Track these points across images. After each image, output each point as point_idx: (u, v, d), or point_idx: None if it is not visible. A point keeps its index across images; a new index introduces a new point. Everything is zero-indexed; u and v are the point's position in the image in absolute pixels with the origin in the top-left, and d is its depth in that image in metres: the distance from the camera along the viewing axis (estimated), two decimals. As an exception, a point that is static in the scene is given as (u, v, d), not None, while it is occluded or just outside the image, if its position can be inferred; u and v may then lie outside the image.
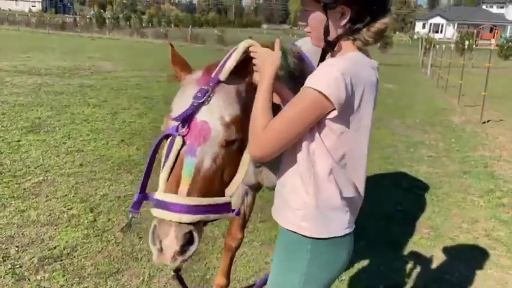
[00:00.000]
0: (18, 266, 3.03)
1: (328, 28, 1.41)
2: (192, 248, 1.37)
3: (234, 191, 1.51)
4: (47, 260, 3.13)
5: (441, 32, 71.35)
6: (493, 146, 7.18)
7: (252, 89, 1.52)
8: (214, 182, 1.44)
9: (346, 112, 1.35)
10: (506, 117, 9.63)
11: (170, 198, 1.37)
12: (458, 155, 6.56)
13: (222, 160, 1.45)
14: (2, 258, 3.10)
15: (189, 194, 1.38)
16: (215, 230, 3.78)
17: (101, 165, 5.02)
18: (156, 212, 1.38)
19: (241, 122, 1.48)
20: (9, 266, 3.02)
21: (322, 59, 1.51)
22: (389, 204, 4.58)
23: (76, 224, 3.69)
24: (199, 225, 1.41)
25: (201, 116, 1.43)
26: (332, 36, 1.42)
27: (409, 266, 3.45)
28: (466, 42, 19.23)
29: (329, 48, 1.46)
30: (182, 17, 69.45)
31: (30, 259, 3.12)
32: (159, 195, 1.39)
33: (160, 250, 1.36)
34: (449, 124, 8.79)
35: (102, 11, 68.52)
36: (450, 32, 68.07)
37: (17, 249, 3.24)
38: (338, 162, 1.41)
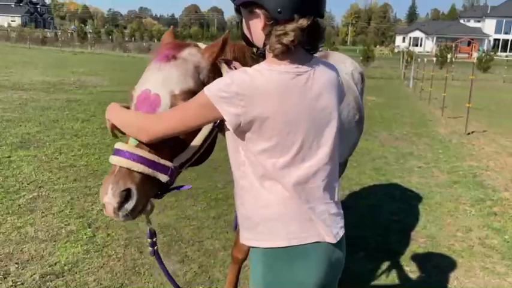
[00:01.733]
0: (20, 283, 2.98)
1: (243, 31, 1.47)
2: (129, 205, 1.47)
3: (183, 161, 1.61)
4: (48, 276, 3.08)
5: (421, 45, 73.08)
6: (480, 156, 7.35)
7: (216, 67, 1.67)
8: (158, 148, 1.53)
9: (251, 121, 1.34)
10: (489, 128, 9.88)
11: (121, 146, 1.52)
12: (447, 165, 6.70)
13: None
14: (3, 275, 3.04)
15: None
16: (216, 244, 3.77)
17: (95, 180, 4.98)
18: (111, 159, 1.53)
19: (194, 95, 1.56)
20: (11, 283, 2.96)
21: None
22: (385, 214, 4.65)
23: (75, 240, 3.64)
24: (142, 185, 1.50)
25: (153, 89, 1.58)
26: (257, 41, 1.44)
27: (409, 274, 3.50)
28: (448, 56, 19.74)
29: (258, 53, 1.48)
30: (164, 31, 69.61)
31: (31, 276, 3.07)
32: (116, 145, 1.54)
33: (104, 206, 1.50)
34: (435, 135, 8.98)
35: (83, 25, 68.18)
36: (429, 45, 69.78)
37: (17, 266, 3.18)
38: (269, 170, 1.39)
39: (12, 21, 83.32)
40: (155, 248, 1.72)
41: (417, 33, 77.53)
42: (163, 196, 1.70)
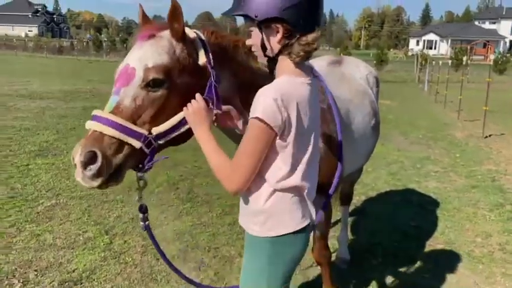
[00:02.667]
0: (39, 290, 3.01)
1: (265, 45, 1.56)
2: (95, 166, 1.55)
3: (161, 133, 1.69)
4: (67, 283, 3.12)
5: (435, 48, 72.32)
6: (498, 159, 7.23)
7: (191, 44, 1.77)
8: (134, 118, 1.66)
9: (286, 128, 1.51)
10: (507, 131, 9.71)
11: (97, 112, 1.65)
12: (465, 169, 6.60)
13: (143, 101, 1.67)
14: (22, 282, 3.09)
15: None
16: (231, 250, 3.77)
17: (112, 187, 5.01)
18: (86, 124, 1.65)
19: (170, 72, 1.70)
20: (30, 290, 3.00)
21: (271, 73, 1.66)
22: (402, 220, 4.59)
23: (93, 247, 3.68)
24: (110, 149, 1.61)
25: (132, 63, 1.70)
26: (271, 52, 1.58)
27: (428, 281, 3.44)
28: (464, 58, 19.48)
29: (270, 64, 1.62)
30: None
31: (50, 283, 3.11)
32: (93, 111, 1.67)
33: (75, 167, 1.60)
34: (452, 139, 8.86)
35: (98, 34, 69.17)
36: (444, 48, 69.02)
37: (36, 273, 3.23)
38: (284, 171, 1.56)
39: (29, 31, 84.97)
40: (146, 223, 1.88)
41: (431, 36, 76.78)
42: (146, 170, 1.76)
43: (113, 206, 4.57)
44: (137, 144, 1.64)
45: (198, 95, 1.71)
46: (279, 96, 1.47)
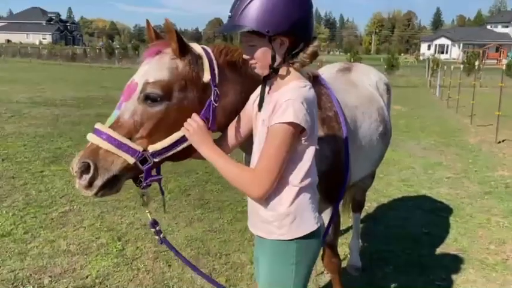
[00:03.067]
0: (53, 296, 3.06)
1: (275, 57, 1.63)
2: (88, 175, 1.65)
3: (158, 151, 1.73)
4: (80, 289, 3.16)
5: (446, 52, 71.75)
6: (512, 165, 7.15)
7: (193, 59, 1.79)
8: (132, 132, 1.71)
9: (311, 131, 1.61)
10: (521, 136, 9.59)
11: (98, 126, 1.72)
12: (478, 175, 6.53)
13: (141, 116, 1.72)
14: (37, 288, 3.13)
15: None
16: (242, 257, 3.78)
17: (124, 194, 5.07)
18: (87, 136, 1.73)
19: (170, 87, 1.74)
20: (45, 296, 3.04)
21: (264, 82, 1.73)
22: (414, 227, 4.57)
23: (105, 253, 3.72)
24: (105, 162, 1.68)
25: (136, 79, 1.77)
26: (276, 63, 1.64)
27: (441, 289, 3.42)
28: (476, 63, 19.28)
29: (273, 73, 1.67)
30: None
31: (65, 289, 3.15)
32: (95, 125, 1.74)
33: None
34: (464, 144, 8.78)
35: (110, 41, 69.96)
36: (456, 52, 68.42)
37: (50, 279, 3.28)
38: (305, 170, 1.65)
39: (43, 39, 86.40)
40: (161, 235, 1.93)
41: (443, 40, 76.22)
42: (145, 186, 1.81)
43: (125, 212, 4.62)
44: (131, 160, 1.69)
45: (194, 115, 1.75)
46: (303, 100, 1.56)
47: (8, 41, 77.54)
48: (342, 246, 3.97)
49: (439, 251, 4.05)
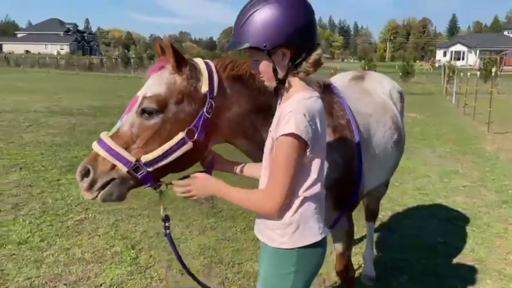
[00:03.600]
0: (68, 304, 3.09)
1: (276, 69, 1.65)
2: (87, 179, 1.77)
3: (150, 161, 1.80)
4: (94, 297, 3.18)
5: (463, 59, 70.96)
6: (530, 173, 7.00)
7: (194, 74, 1.85)
8: (129, 143, 1.81)
9: (315, 141, 1.61)
10: (540, 143, 9.41)
11: (101, 135, 1.85)
12: (495, 184, 6.42)
13: (138, 128, 1.82)
14: (52, 296, 3.17)
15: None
16: (255, 266, 3.77)
17: (139, 202, 5.12)
18: (92, 144, 1.84)
19: (166, 101, 1.81)
20: (60, 304, 3.08)
21: (276, 94, 1.78)
22: (430, 236, 4.50)
23: (119, 261, 3.75)
24: (103, 168, 1.79)
25: (139, 93, 1.86)
26: (281, 74, 1.66)
27: (457, 300, 3.36)
28: (493, 69, 19.02)
29: (280, 85, 1.69)
30: (203, 54, 71.26)
31: (79, 297, 3.18)
32: (101, 134, 1.85)
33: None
34: (481, 152, 8.64)
35: (126, 51, 70.97)
36: (472, 59, 67.64)
37: (65, 287, 3.32)
38: (311, 181, 1.66)
39: (61, 49, 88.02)
40: (168, 231, 2.00)
41: (459, 47, 75.44)
42: (149, 187, 1.89)
43: (139, 220, 4.66)
44: (123, 168, 1.78)
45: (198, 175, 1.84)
46: (306, 112, 1.57)
47: (27, 51, 79.26)
48: (356, 255, 3.94)
49: (455, 261, 3.99)
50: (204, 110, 1.84)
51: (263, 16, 1.59)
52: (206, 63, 1.90)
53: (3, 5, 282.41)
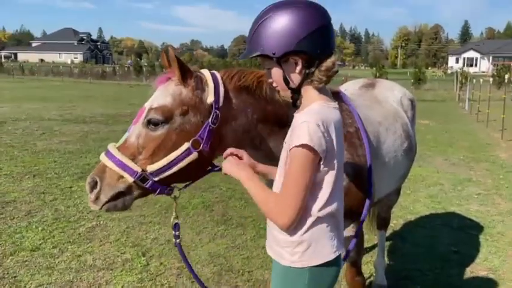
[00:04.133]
0: (79, 311, 3.11)
1: (287, 78, 1.61)
2: (96, 189, 1.81)
3: (156, 171, 1.82)
4: (105, 304, 3.20)
5: (476, 65, 70.30)
6: (546, 181, 6.88)
7: (200, 85, 1.87)
8: (135, 154, 1.84)
9: (329, 154, 1.53)
10: (556, 151, 9.26)
11: (109, 146, 1.88)
12: (509, 191, 6.32)
13: (144, 139, 1.84)
14: (63, 303, 3.19)
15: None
16: (265, 274, 3.76)
17: (149, 209, 5.14)
18: (100, 155, 1.87)
19: (171, 113, 1.84)
20: (71, 311, 3.10)
21: (294, 105, 1.70)
22: (443, 245, 4.44)
23: (130, 268, 3.77)
24: (110, 179, 1.82)
25: (146, 104, 1.90)
26: (294, 83, 1.61)
27: (471, 310, 3.30)
28: (506, 76, 18.81)
29: (295, 95, 1.65)
30: (214, 62, 71.67)
31: (90, 304, 3.19)
32: (108, 145, 1.89)
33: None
34: (495, 160, 8.53)
35: (138, 59, 71.75)
36: (485, 65, 66.97)
37: (76, 294, 3.33)
38: (325, 198, 1.57)
39: (75, 58, 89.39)
40: (178, 241, 2.00)
41: (471, 53, 74.80)
42: (160, 193, 1.91)
43: (150, 227, 4.67)
44: (130, 179, 1.81)
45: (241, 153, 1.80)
46: (320, 122, 1.50)
47: (42, 60, 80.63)
48: (367, 264, 3.90)
49: (468, 270, 3.92)
50: (210, 120, 1.85)
51: (273, 23, 1.57)
52: (212, 74, 1.92)
53: (18, 15, 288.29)
